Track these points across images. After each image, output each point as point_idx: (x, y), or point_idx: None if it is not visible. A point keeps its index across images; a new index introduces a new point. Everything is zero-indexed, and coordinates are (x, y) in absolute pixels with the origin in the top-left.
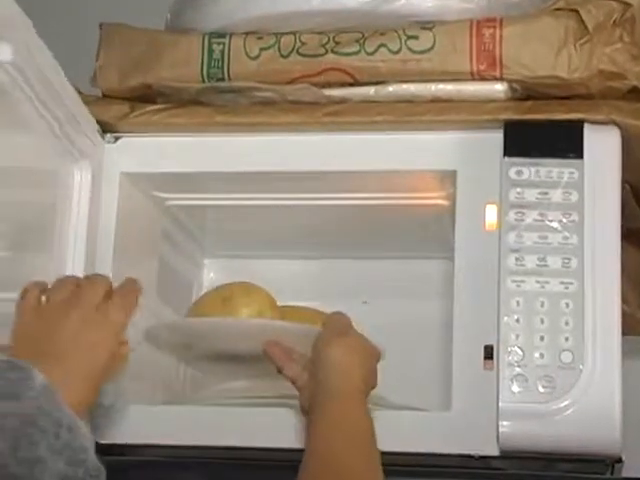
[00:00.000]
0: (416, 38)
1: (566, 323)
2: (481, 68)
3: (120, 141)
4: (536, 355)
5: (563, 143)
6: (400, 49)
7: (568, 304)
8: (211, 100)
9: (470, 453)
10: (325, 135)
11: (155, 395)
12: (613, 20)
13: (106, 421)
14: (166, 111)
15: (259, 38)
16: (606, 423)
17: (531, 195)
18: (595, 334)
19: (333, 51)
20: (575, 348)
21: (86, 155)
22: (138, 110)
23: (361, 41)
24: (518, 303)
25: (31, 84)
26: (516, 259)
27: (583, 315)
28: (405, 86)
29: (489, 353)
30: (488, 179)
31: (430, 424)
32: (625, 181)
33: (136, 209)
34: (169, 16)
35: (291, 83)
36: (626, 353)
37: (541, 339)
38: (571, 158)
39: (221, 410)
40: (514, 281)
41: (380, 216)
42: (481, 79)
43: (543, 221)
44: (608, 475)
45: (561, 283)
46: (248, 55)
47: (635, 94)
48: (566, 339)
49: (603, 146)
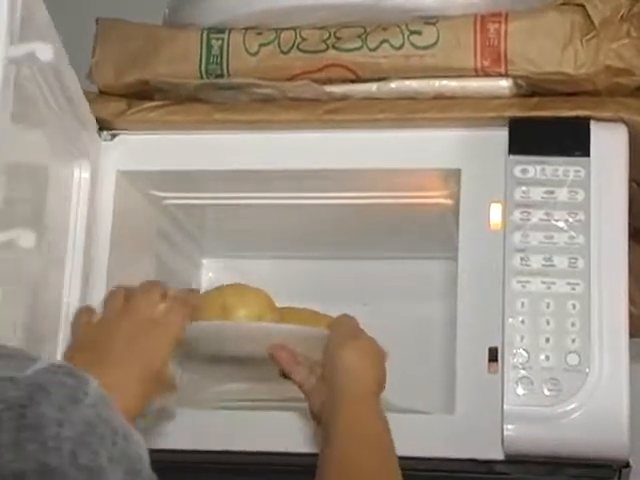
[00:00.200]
0: (419, 33)
1: (572, 324)
2: (485, 64)
3: (117, 139)
4: (542, 357)
5: (569, 141)
6: (403, 45)
7: (574, 305)
8: (210, 97)
9: (474, 457)
10: (326, 133)
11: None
12: (620, 15)
13: None
14: (164, 108)
15: (259, 33)
16: (613, 427)
17: (536, 194)
18: (602, 336)
19: (334, 47)
20: (581, 350)
21: (86, 154)
22: (135, 107)
23: (363, 36)
24: (523, 304)
25: (49, 83)
26: (521, 259)
27: (590, 316)
28: (408, 82)
29: (493, 355)
30: (493, 177)
31: (433, 427)
32: (632, 179)
33: (133, 208)
34: (167, 11)
35: (291, 80)
36: (633, 356)
37: (547, 341)
38: (577, 156)
39: (223, 414)
40: (519, 282)
41: (382, 215)
42: (485, 75)
43: (549, 220)
44: None
45: (567, 284)
46: (247, 51)
47: None
48: (572, 341)
49: (610, 144)
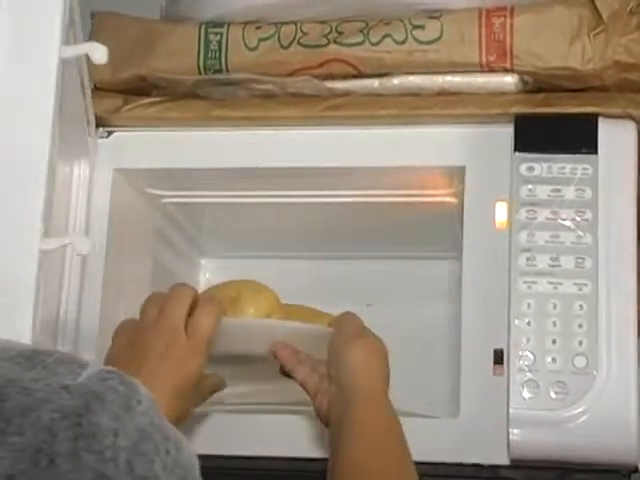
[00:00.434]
0: (422, 28)
1: (580, 326)
2: (491, 59)
3: (113, 136)
4: (548, 360)
5: (576, 138)
6: (406, 39)
7: (582, 306)
8: (208, 93)
9: (478, 462)
10: (327, 129)
11: None
12: (629, 9)
13: None
14: (161, 104)
15: (258, 28)
16: (621, 431)
17: (543, 192)
18: (610, 338)
19: (336, 41)
20: (589, 352)
21: (86, 152)
22: (131, 103)
23: (365, 31)
24: (529, 305)
25: (74, 82)
26: (527, 259)
27: (597, 318)
28: (411, 78)
29: (499, 357)
30: (498, 175)
31: (437, 431)
32: None
33: (129, 207)
34: (164, 4)
35: (292, 75)
36: None
37: (553, 343)
38: (585, 153)
39: (226, 417)
40: (525, 282)
41: (384, 214)
42: (491, 71)
43: (555, 219)
44: None
45: (574, 284)
46: (247, 46)
47: None
48: (580, 343)
49: (618, 141)
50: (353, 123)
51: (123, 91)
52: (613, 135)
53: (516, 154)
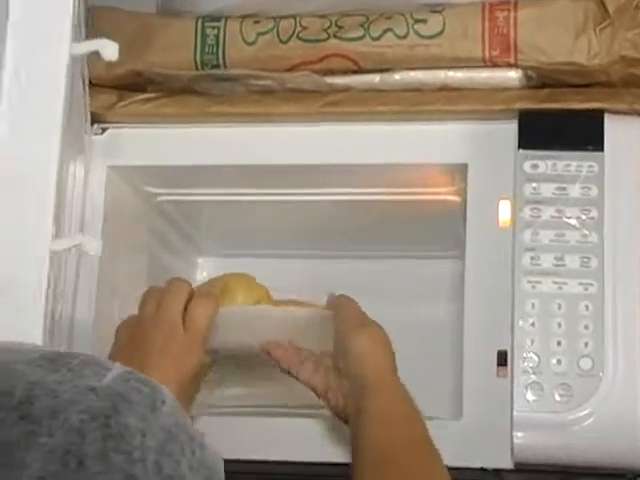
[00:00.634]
0: (424, 22)
1: (585, 327)
2: (494, 54)
3: (107, 132)
4: (553, 361)
5: (582, 134)
6: (407, 34)
7: (587, 306)
8: (205, 88)
9: (482, 466)
10: (326, 126)
11: None
12: (636, 2)
13: None
14: (157, 100)
15: (256, 22)
16: (628, 434)
17: (547, 190)
18: (616, 339)
19: (336, 36)
20: (595, 354)
21: (82, 149)
22: (126, 99)
23: (366, 25)
24: (533, 305)
25: (75, 77)
26: (531, 258)
27: (603, 318)
28: (413, 73)
29: (502, 359)
30: (501, 173)
31: (439, 434)
32: None
33: (125, 205)
34: None
35: (291, 70)
36: None
37: (558, 344)
38: (590, 150)
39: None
40: (529, 282)
41: (385, 213)
42: (494, 66)
43: (560, 218)
44: None
45: (580, 284)
46: (245, 40)
47: None
48: (585, 344)
49: (625, 138)
50: (353, 119)
51: (118, 87)
52: (619, 132)
53: (520, 151)
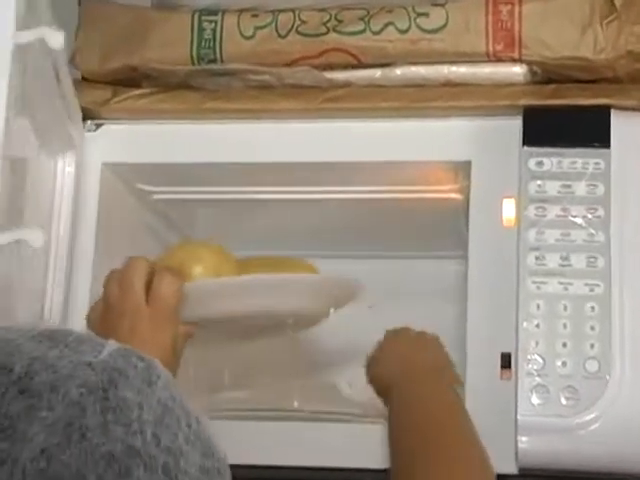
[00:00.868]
0: (427, 16)
1: (591, 328)
2: (498, 48)
3: (101, 129)
4: (558, 364)
5: (588, 131)
6: (409, 28)
7: (593, 307)
8: (202, 84)
9: None
10: (326, 122)
11: None
12: None
13: None
14: (152, 96)
15: (254, 16)
16: (636, 438)
17: (553, 188)
18: (623, 340)
19: (335, 30)
20: (601, 356)
21: (72, 145)
22: (121, 95)
23: (366, 19)
24: (538, 306)
25: (44, 70)
26: (536, 258)
27: (610, 320)
28: (414, 69)
29: (506, 361)
30: (505, 171)
31: None
32: None
33: (119, 203)
34: None
35: (289, 65)
36: None
37: (564, 346)
38: (597, 147)
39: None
40: (534, 282)
41: (387, 212)
42: (498, 61)
43: (566, 217)
44: None
45: (586, 285)
46: (242, 34)
47: None
48: (591, 346)
49: (632, 134)
50: (354, 116)
51: (112, 82)
52: (626, 128)
53: (525, 148)
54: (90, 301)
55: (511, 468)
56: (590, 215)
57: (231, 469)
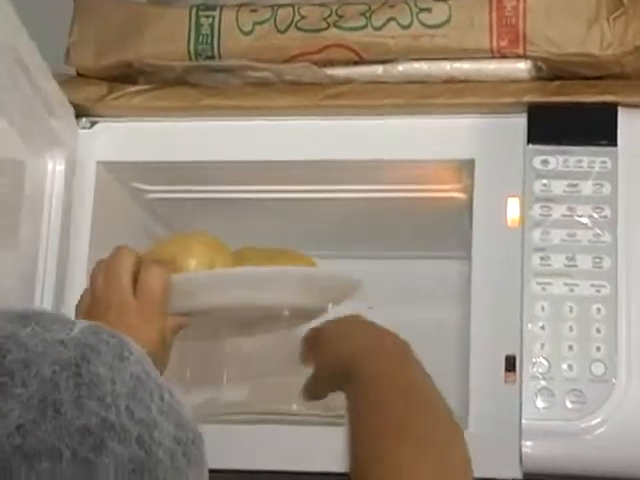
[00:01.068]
0: (429, 11)
1: (597, 331)
2: (502, 44)
3: (96, 126)
4: (564, 366)
5: (594, 129)
6: (411, 23)
7: (600, 309)
8: (199, 80)
9: (489, 477)
10: (326, 120)
11: None
12: None
13: None
14: (148, 92)
15: (253, 11)
16: None
17: (558, 187)
18: (630, 343)
19: (336, 25)
20: (607, 359)
21: (59, 143)
22: (117, 91)
23: (367, 14)
24: (543, 308)
25: (6, 64)
26: (541, 259)
27: (616, 321)
28: (417, 65)
29: (511, 364)
30: (510, 169)
31: None
32: None
33: (114, 202)
34: None
35: (289, 61)
36: None
37: (569, 348)
38: (603, 146)
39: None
40: (539, 283)
41: (388, 211)
42: (502, 57)
43: (572, 216)
44: None
45: (592, 286)
46: (241, 30)
47: None
48: (597, 349)
49: (639, 132)
50: (354, 113)
51: (107, 78)
52: (634, 126)
53: (529, 146)
54: None
55: (515, 473)
56: (596, 215)
57: (231, 474)
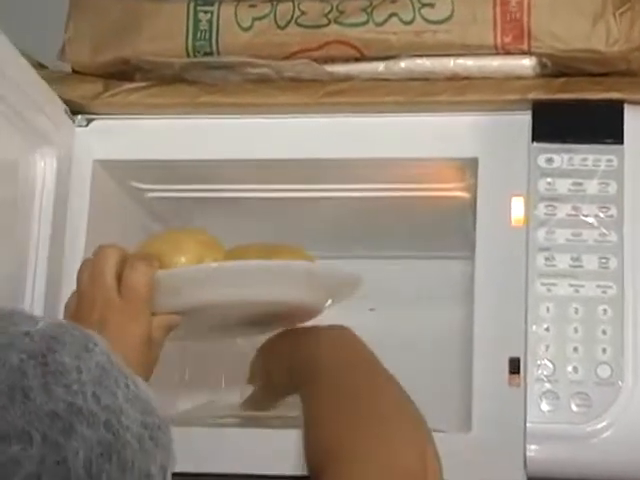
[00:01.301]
0: (432, 6)
1: (603, 332)
2: (506, 40)
3: (93, 124)
4: (569, 369)
5: (600, 126)
6: (413, 19)
7: (606, 310)
8: (197, 77)
9: None
10: (327, 117)
11: None
12: None
13: None
14: (145, 90)
15: (252, 6)
16: None
17: (563, 186)
18: (636, 345)
19: (337, 21)
20: (613, 361)
21: (49, 141)
22: (113, 88)
23: (369, 10)
24: (548, 309)
25: None
26: (546, 259)
27: (622, 323)
28: (419, 61)
29: (515, 366)
30: (514, 168)
31: (447, 447)
32: None
33: (112, 202)
34: None
35: (289, 58)
36: None
37: (575, 351)
38: (609, 144)
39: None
40: (544, 284)
41: (390, 210)
42: (506, 53)
43: (577, 216)
44: None
45: (597, 286)
46: (240, 25)
47: None
48: (603, 351)
49: None
50: (356, 110)
51: (104, 75)
52: None
53: (534, 144)
54: None
55: (520, 477)
56: (602, 214)
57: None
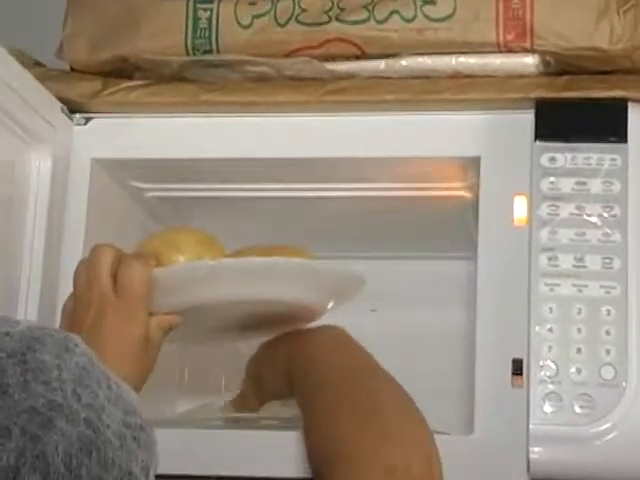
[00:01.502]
0: (433, 3)
1: (607, 333)
2: (509, 38)
3: (91, 123)
4: (572, 370)
5: (604, 125)
6: (415, 16)
7: (609, 311)
8: (197, 76)
9: None
10: (328, 116)
11: None
12: None
13: None
14: (144, 88)
15: (252, 4)
16: None
17: (566, 185)
18: None
19: (338, 19)
20: (617, 362)
21: (43, 140)
22: (112, 87)
23: (370, 7)
24: (551, 310)
25: None
26: (549, 259)
27: (626, 324)
28: (421, 59)
29: (518, 368)
30: (516, 167)
31: (448, 450)
32: None
33: (110, 201)
34: None
35: (289, 56)
36: None
37: (578, 352)
38: (613, 142)
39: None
40: (547, 284)
41: (391, 210)
42: (509, 51)
43: (580, 215)
44: None
45: (601, 287)
46: (239, 23)
47: None
48: (607, 352)
49: None
50: (356, 109)
51: (102, 73)
52: None
53: (537, 143)
54: None
55: (523, 479)
56: (606, 214)
57: None
